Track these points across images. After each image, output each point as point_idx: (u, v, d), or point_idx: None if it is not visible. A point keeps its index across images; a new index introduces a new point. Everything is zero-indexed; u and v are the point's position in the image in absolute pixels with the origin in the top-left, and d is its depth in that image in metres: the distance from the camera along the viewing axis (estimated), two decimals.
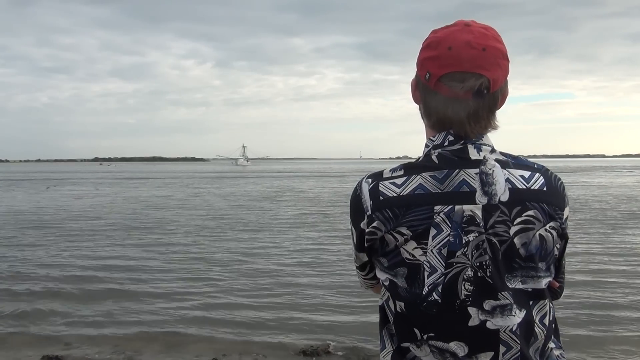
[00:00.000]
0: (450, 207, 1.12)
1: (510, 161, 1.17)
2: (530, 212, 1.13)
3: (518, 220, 1.13)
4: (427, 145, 1.20)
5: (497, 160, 1.15)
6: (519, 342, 1.12)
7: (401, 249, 1.14)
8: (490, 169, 1.14)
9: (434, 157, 1.16)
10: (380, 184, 1.17)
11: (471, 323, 1.12)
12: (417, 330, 1.16)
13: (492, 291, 1.11)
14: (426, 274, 1.13)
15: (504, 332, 1.11)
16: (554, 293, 1.24)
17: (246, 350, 5.54)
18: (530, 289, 1.14)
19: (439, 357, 1.14)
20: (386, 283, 1.19)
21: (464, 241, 1.11)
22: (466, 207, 1.12)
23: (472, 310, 1.11)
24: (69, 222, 16.74)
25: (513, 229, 1.12)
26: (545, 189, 1.16)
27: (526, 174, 1.16)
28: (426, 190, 1.13)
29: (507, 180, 1.14)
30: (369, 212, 1.16)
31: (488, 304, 1.11)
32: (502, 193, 1.13)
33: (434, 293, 1.12)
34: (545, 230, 1.15)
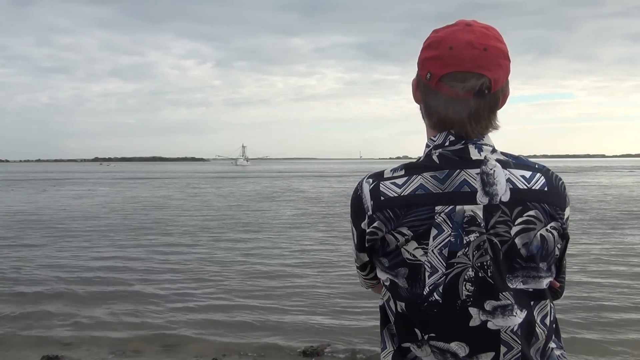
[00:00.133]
0: (451, 207, 1.11)
1: (511, 161, 1.17)
2: (531, 212, 1.13)
3: (519, 220, 1.12)
4: (427, 145, 1.20)
5: (498, 160, 1.15)
6: (519, 343, 1.12)
7: (402, 249, 1.14)
8: (491, 169, 1.13)
9: (434, 157, 1.16)
10: (381, 184, 1.17)
11: (472, 323, 1.11)
12: (417, 331, 1.15)
13: (493, 291, 1.11)
14: (427, 274, 1.12)
15: (505, 332, 1.11)
16: (555, 293, 1.24)
17: (246, 350, 5.54)
18: (531, 289, 1.14)
19: (440, 358, 1.14)
20: (387, 283, 1.19)
21: (465, 241, 1.11)
22: (467, 208, 1.11)
23: (473, 310, 1.11)
24: (68, 222, 16.74)
25: (514, 229, 1.12)
26: (546, 189, 1.16)
27: (527, 174, 1.16)
28: (427, 190, 1.13)
29: (508, 181, 1.14)
30: (370, 212, 1.16)
31: (489, 305, 1.11)
32: (503, 193, 1.12)
33: (434, 293, 1.12)
34: (547, 230, 1.15)
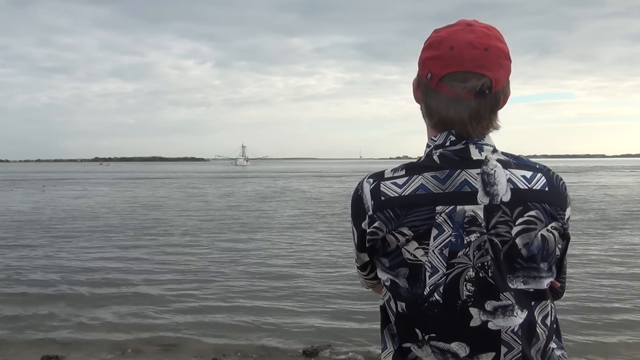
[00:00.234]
0: (451, 207, 1.11)
1: (512, 161, 1.17)
2: (532, 213, 1.13)
3: (520, 220, 1.12)
4: (428, 145, 1.20)
5: (498, 161, 1.15)
6: (520, 343, 1.12)
7: (402, 249, 1.14)
8: (492, 169, 1.13)
9: (435, 157, 1.16)
10: (381, 184, 1.17)
11: (473, 324, 1.11)
12: (418, 331, 1.15)
13: (494, 292, 1.11)
14: (427, 274, 1.12)
15: (505, 332, 1.11)
16: (556, 293, 1.24)
17: (246, 351, 5.54)
18: (532, 290, 1.14)
19: (440, 358, 1.14)
20: (387, 283, 1.19)
21: (465, 241, 1.11)
22: (468, 208, 1.11)
23: (473, 310, 1.11)
24: (68, 222, 16.74)
25: (515, 230, 1.12)
26: (547, 189, 1.16)
27: (528, 174, 1.16)
28: (428, 190, 1.13)
29: (509, 181, 1.13)
30: (370, 212, 1.16)
31: (490, 305, 1.11)
32: (503, 193, 1.12)
33: (435, 293, 1.12)
34: (547, 230, 1.14)
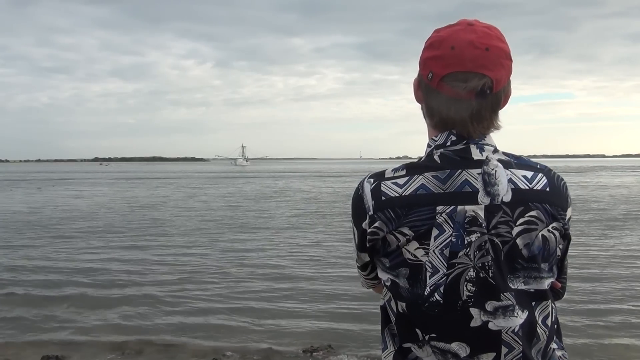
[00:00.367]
0: (452, 207, 1.11)
1: (513, 161, 1.17)
2: (532, 213, 1.13)
3: (521, 220, 1.12)
4: (429, 145, 1.19)
5: (499, 161, 1.15)
6: (521, 343, 1.12)
7: (403, 249, 1.14)
8: (492, 169, 1.13)
9: (436, 157, 1.16)
10: (382, 184, 1.16)
11: (473, 324, 1.11)
12: (418, 331, 1.15)
13: (495, 292, 1.11)
14: (428, 274, 1.12)
15: (506, 333, 1.11)
16: (556, 293, 1.23)
17: (246, 351, 5.54)
18: (532, 290, 1.14)
19: (441, 358, 1.14)
20: (388, 283, 1.19)
21: (466, 242, 1.10)
22: (468, 208, 1.11)
23: (474, 311, 1.11)
24: (67, 223, 16.74)
25: (515, 230, 1.12)
26: (548, 189, 1.16)
27: (529, 174, 1.16)
28: (428, 190, 1.12)
29: (510, 181, 1.13)
30: (371, 212, 1.16)
31: (490, 305, 1.11)
32: (504, 193, 1.12)
33: (435, 294, 1.11)
34: (548, 230, 1.14)
